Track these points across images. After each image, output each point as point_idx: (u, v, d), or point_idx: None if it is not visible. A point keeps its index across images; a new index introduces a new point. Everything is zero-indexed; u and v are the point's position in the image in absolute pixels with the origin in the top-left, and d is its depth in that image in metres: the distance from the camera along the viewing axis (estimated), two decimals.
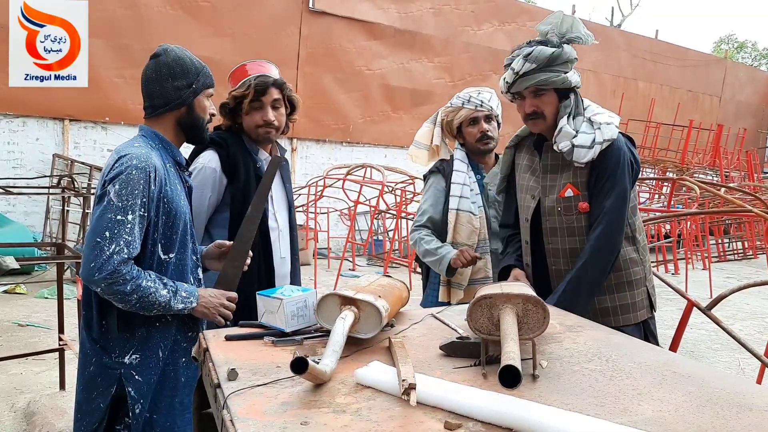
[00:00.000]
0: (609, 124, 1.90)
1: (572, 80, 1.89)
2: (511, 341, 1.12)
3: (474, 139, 2.48)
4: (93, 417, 1.66)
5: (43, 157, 8.07)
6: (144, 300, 1.60)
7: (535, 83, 1.88)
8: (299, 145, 10.21)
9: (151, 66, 1.75)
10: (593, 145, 1.86)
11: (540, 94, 1.91)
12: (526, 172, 2.09)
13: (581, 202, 1.92)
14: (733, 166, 14.61)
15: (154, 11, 8.56)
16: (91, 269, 1.55)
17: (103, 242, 1.55)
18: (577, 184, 1.93)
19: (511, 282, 1.60)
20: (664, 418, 1.05)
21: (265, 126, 2.15)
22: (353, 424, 1.00)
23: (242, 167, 2.12)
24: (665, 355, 1.50)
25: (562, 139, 1.88)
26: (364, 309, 1.38)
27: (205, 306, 1.72)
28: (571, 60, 1.89)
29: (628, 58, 14.79)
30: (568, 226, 1.95)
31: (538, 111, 1.93)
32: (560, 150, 1.89)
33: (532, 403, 1.06)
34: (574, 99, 1.92)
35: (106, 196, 1.59)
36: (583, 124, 1.90)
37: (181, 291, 1.67)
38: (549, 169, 1.99)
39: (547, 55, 1.84)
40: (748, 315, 6.25)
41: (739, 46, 32.59)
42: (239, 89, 2.13)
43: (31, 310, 5.46)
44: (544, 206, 1.99)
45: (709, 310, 2.25)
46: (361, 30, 10.56)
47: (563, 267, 1.96)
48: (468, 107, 2.45)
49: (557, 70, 1.87)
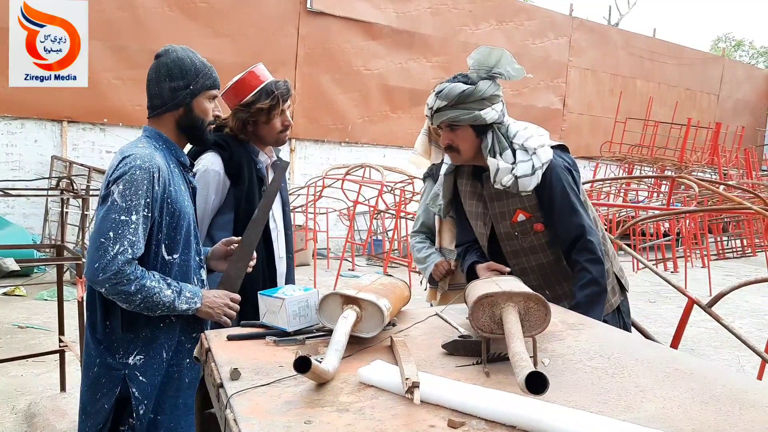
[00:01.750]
0: (542, 146, 1.92)
1: (487, 117, 1.88)
2: (518, 341, 1.12)
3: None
4: (97, 418, 1.66)
5: (41, 159, 8.06)
6: (148, 300, 1.60)
7: (446, 120, 1.91)
8: (298, 145, 10.20)
9: (153, 66, 1.75)
10: (534, 171, 1.87)
11: (454, 129, 1.93)
12: (472, 198, 2.10)
13: (536, 223, 1.97)
14: (732, 164, 14.62)
15: (151, 12, 8.55)
16: (96, 270, 1.55)
17: (107, 242, 1.55)
18: (526, 208, 1.97)
19: (507, 278, 1.60)
20: (667, 415, 1.05)
21: (285, 130, 2.17)
22: (357, 423, 1.00)
23: (246, 169, 2.12)
24: (667, 352, 1.50)
25: (502, 175, 1.88)
26: (366, 308, 1.38)
27: (209, 306, 1.72)
28: (488, 97, 1.87)
29: (626, 56, 14.80)
30: (529, 246, 2.01)
31: (453, 145, 1.95)
32: (504, 186, 1.89)
33: (535, 401, 1.06)
34: (492, 137, 1.91)
35: (110, 196, 1.59)
36: (518, 152, 1.90)
37: (185, 291, 1.67)
38: (495, 197, 2.00)
39: (456, 93, 1.86)
40: (747, 312, 6.26)
41: (736, 44, 32.64)
42: (265, 100, 2.08)
43: (30, 312, 5.45)
44: (500, 232, 2.03)
45: (710, 307, 2.25)
46: (359, 30, 10.55)
47: (535, 283, 1.98)
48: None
49: (470, 107, 1.87)
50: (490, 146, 1.90)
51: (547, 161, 1.90)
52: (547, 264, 2.02)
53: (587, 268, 1.91)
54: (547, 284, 2.02)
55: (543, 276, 2.02)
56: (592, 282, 1.89)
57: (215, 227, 2.13)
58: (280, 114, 2.12)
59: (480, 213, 2.07)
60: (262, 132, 2.14)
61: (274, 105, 2.08)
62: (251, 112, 2.09)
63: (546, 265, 2.02)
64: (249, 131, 2.14)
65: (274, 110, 2.09)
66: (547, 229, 1.97)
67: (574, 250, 1.94)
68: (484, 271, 1.99)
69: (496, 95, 1.90)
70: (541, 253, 2.00)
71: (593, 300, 1.90)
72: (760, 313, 6.33)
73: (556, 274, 2.01)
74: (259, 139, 2.17)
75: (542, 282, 2.01)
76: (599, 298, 1.91)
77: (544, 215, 1.96)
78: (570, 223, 1.93)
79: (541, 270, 2.02)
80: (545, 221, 1.96)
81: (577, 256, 1.93)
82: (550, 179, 1.91)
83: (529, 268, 2.03)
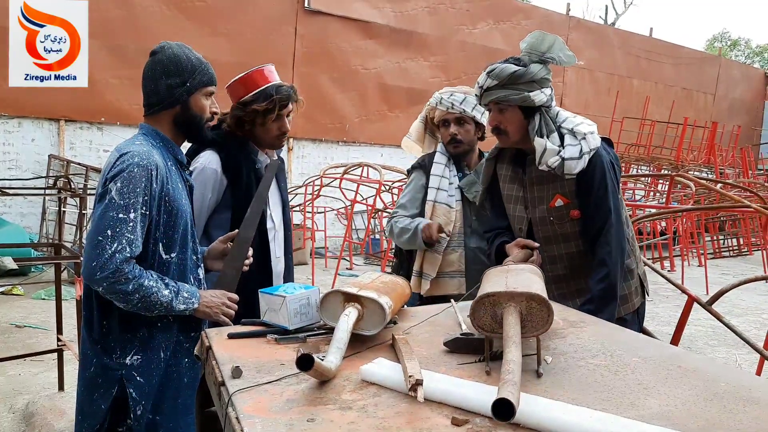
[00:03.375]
0: (592, 134, 1.94)
1: (536, 99, 1.90)
2: (513, 346, 1.10)
3: (445, 141, 2.50)
4: (94, 419, 1.64)
5: (38, 158, 8.03)
6: (146, 300, 1.58)
7: (495, 99, 1.93)
8: (295, 144, 10.19)
9: (148, 63, 1.73)
10: (582, 155, 1.89)
11: (503, 110, 1.95)
12: (512, 183, 2.11)
13: (573, 210, 1.97)
14: (728, 163, 14.66)
15: (149, 11, 8.52)
16: (93, 268, 1.53)
17: (104, 241, 1.53)
18: (565, 194, 1.97)
19: (523, 268, 1.57)
20: (671, 413, 1.05)
21: (281, 136, 2.15)
22: (360, 421, 0.99)
23: (244, 168, 2.10)
24: (669, 349, 1.50)
25: (548, 156, 1.89)
26: (368, 306, 1.37)
27: (206, 306, 1.71)
28: (538, 80, 1.90)
29: (623, 56, 14.83)
30: (562, 233, 2.00)
31: (500, 127, 1.97)
32: (550, 167, 1.90)
33: (538, 398, 1.06)
34: (540, 119, 1.93)
35: (108, 194, 1.57)
36: (566, 137, 1.93)
37: (182, 291, 1.65)
38: (535, 181, 2.02)
39: (507, 73, 1.88)
40: (743, 311, 6.28)
41: (732, 43, 32.74)
42: (262, 103, 2.05)
43: (28, 311, 5.43)
44: (536, 217, 2.03)
45: (710, 305, 2.25)
46: (356, 29, 10.54)
47: (561, 272, 2.01)
48: (440, 108, 2.46)
49: (519, 88, 1.89)
50: (538, 127, 1.92)
51: (595, 148, 1.93)
52: (577, 254, 2.00)
53: (606, 261, 1.91)
54: (574, 275, 2.01)
55: (571, 266, 2.01)
56: (607, 277, 1.90)
57: (213, 226, 2.12)
58: (276, 119, 2.09)
59: (519, 197, 2.07)
60: (258, 133, 2.13)
61: (269, 109, 2.05)
62: (246, 112, 2.07)
63: (576, 255, 2.00)
64: (246, 130, 2.12)
65: (270, 114, 2.06)
66: (590, 220, 1.97)
67: (597, 242, 1.94)
68: (513, 248, 1.97)
69: (546, 79, 1.93)
70: (573, 242, 2.00)
71: (606, 295, 1.90)
72: (756, 312, 6.35)
73: (584, 265, 1.99)
74: (255, 139, 2.16)
75: (569, 272, 2.01)
76: (612, 293, 1.91)
77: (580, 202, 1.96)
78: (600, 213, 1.93)
79: (570, 260, 2.01)
80: (583, 209, 1.96)
81: (598, 248, 1.94)
82: (593, 167, 1.93)
83: (558, 256, 2.02)
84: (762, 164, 16.65)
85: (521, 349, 1.11)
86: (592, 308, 1.86)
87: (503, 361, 1.05)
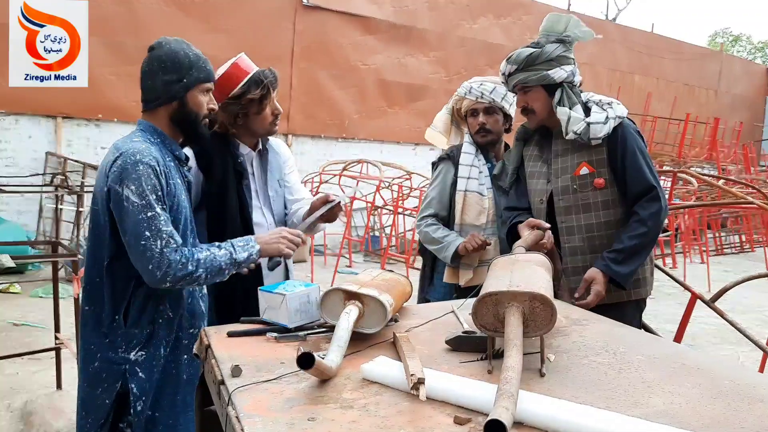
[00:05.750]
0: (618, 103, 2.04)
1: (555, 76, 2.01)
2: (514, 350, 1.08)
3: (473, 131, 2.47)
4: (98, 413, 1.64)
5: (35, 156, 8.00)
6: (211, 269, 1.63)
7: (517, 82, 2.06)
8: (294, 141, 10.15)
9: (146, 59, 1.72)
10: (607, 120, 1.97)
11: (527, 91, 2.06)
12: (536, 161, 2.18)
13: (597, 178, 2.01)
14: (730, 160, 14.63)
15: (147, 8, 8.48)
16: (152, 272, 1.56)
17: (148, 243, 1.55)
18: (592, 162, 2.02)
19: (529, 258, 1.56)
20: (676, 411, 1.04)
21: (276, 119, 2.13)
22: (361, 420, 0.98)
23: (219, 163, 2.06)
24: (672, 347, 1.49)
25: (573, 124, 1.97)
26: (369, 304, 1.36)
27: (267, 243, 1.75)
28: (555, 58, 2.00)
29: (624, 51, 14.78)
30: (583, 203, 2.03)
31: (527, 107, 2.08)
32: (576, 132, 1.97)
33: (542, 397, 1.05)
34: (562, 92, 2.02)
35: (126, 201, 1.56)
36: (592, 107, 2.02)
37: (237, 243, 1.71)
38: (560, 153, 2.08)
39: (524, 57, 2.01)
40: (746, 308, 6.26)
41: (734, 39, 32.68)
42: (255, 90, 2.04)
43: (25, 309, 5.41)
44: (558, 187, 2.07)
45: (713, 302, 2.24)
46: (355, 25, 10.50)
47: (578, 243, 2.04)
48: (469, 98, 2.44)
49: (538, 68, 2.01)
50: (560, 99, 2.01)
51: (622, 115, 2.00)
52: (596, 225, 2.02)
53: (646, 221, 1.94)
54: (591, 248, 2.02)
55: (589, 238, 2.03)
56: (645, 236, 1.93)
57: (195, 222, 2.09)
58: (270, 103, 2.09)
59: (542, 173, 2.14)
60: (253, 124, 2.09)
61: (265, 94, 2.05)
62: (242, 104, 2.05)
63: (595, 226, 2.03)
64: (239, 124, 2.09)
65: (266, 99, 2.06)
66: (606, 187, 2.00)
67: (639, 203, 1.97)
68: (524, 229, 1.98)
69: (565, 56, 2.02)
70: (593, 213, 2.02)
71: (636, 252, 1.93)
72: (759, 309, 6.34)
73: (602, 238, 2.01)
74: (250, 132, 2.12)
75: (587, 244, 2.03)
76: (642, 252, 1.95)
77: (611, 170, 2.00)
78: (640, 176, 1.97)
79: (588, 231, 2.03)
80: (610, 177, 2.00)
81: (640, 209, 1.96)
82: (623, 135, 1.99)
83: (577, 227, 2.04)
84: (764, 160, 16.63)
85: (522, 352, 1.09)
86: (618, 258, 1.91)
87: (502, 367, 1.03)
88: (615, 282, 1.93)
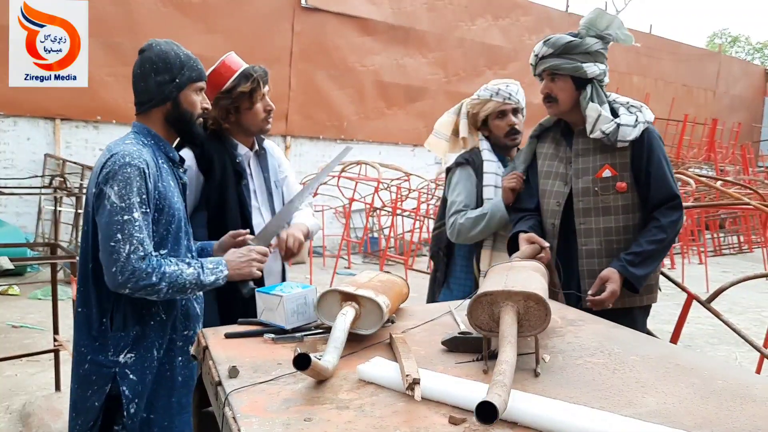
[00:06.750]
0: (647, 109, 2.03)
1: (588, 71, 1.98)
2: (508, 346, 1.09)
3: (502, 133, 2.41)
4: (88, 416, 1.64)
5: (34, 157, 8.00)
6: (174, 285, 1.60)
7: (548, 67, 2.02)
8: (293, 142, 10.16)
9: (137, 62, 1.73)
10: (637, 123, 1.96)
11: (555, 78, 2.03)
12: (552, 160, 2.14)
13: (619, 182, 1.99)
14: (728, 161, 14.64)
15: (145, 8, 8.48)
16: (113, 274, 1.55)
17: (117, 245, 1.54)
18: (615, 165, 2.00)
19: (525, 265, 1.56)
20: (668, 410, 1.05)
21: (268, 116, 2.12)
22: (357, 420, 0.99)
23: (218, 164, 2.06)
24: (667, 347, 1.50)
25: (602, 123, 1.95)
26: (365, 305, 1.37)
27: (236, 268, 1.73)
28: (592, 53, 1.98)
29: (623, 52, 14.77)
30: (603, 206, 2.01)
31: (551, 94, 2.04)
32: (604, 132, 1.95)
33: (536, 397, 1.05)
34: (592, 89, 1.99)
35: (107, 199, 1.57)
36: (620, 109, 2.01)
37: (206, 264, 1.68)
38: (581, 153, 2.05)
39: (563, 43, 1.98)
40: (744, 309, 6.28)
41: (732, 40, 32.73)
42: (246, 83, 2.05)
43: (24, 311, 5.41)
44: (578, 188, 2.04)
45: (709, 303, 2.25)
46: (354, 26, 10.51)
47: (595, 246, 2.02)
48: (496, 99, 2.38)
49: (573, 58, 1.98)
50: (590, 96, 1.98)
51: (651, 120, 2.00)
52: (614, 229, 2.01)
53: (666, 229, 1.94)
54: (608, 252, 2.00)
55: (607, 241, 2.01)
56: (662, 242, 1.94)
57: (194, 224, 2.09)
58: (261, 98, 2.09)
59: (559, 173, 2.10)
60: (245, 120, 2.09)
61: (255, 88, 2.05)
62: (233, 98, 2.05)
63: (613, 230, 2.01)
64: (231, 121, 2.09)
65: (256, 92, 2.06)
66: (627, 191, 1.99)
67: (659, 210, 1.97)
68: (524, 242, 1.98)
69: (601, 53, 2.00)
70: (612, 216, 2.01)
71: (653, 256, 1.94)
72: (756, 309, 6.35)
73: (619, 242, 2.00)
74: (243, 129, 2.12)
75: (603, 247, 2.01)
76: (658, 257, 1.96)
77: (634, 175, 1.99)
78: (665, 186, 1.97)
79: (606, 234, 2.01)
80: (631, 181, 1.99)
81: (660, 215, 1.96)
82: (650, 140, 1.99)
83: (595, 230, 2.02)
84: (762, 161, 16.63)
85: (516, 349, 1.10)
86: (635, 260, 1.90)
87: (497, 361, 1.04)
88: (628, 284, 1.92)
